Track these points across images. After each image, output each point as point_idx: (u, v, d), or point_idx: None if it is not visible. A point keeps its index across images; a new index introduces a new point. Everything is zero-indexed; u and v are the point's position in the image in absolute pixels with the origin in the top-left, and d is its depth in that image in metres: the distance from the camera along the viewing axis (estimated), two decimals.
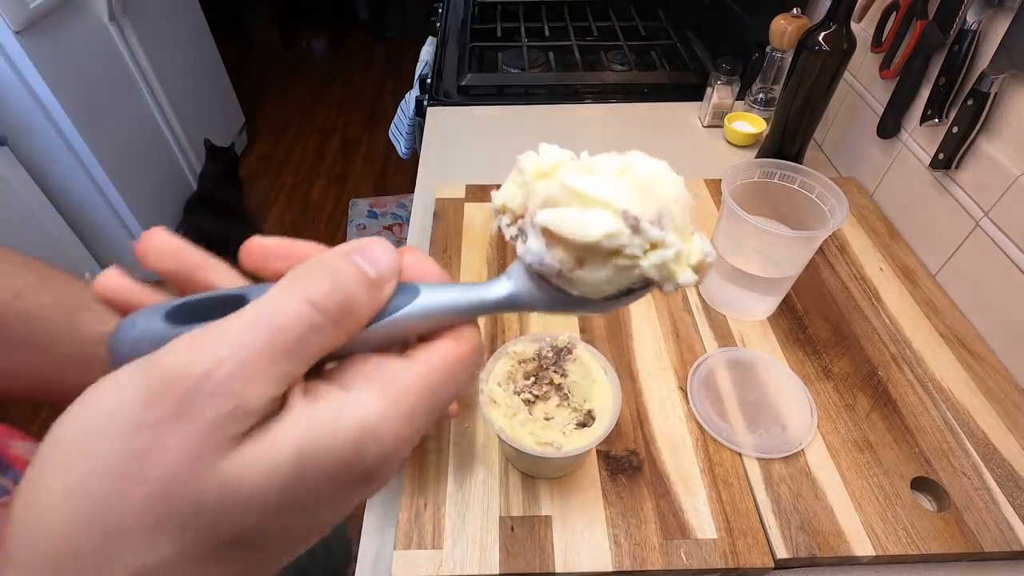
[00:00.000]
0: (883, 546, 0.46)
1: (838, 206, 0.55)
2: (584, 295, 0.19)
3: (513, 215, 0.20)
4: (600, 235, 0.17)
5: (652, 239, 0.17)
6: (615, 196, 0.17)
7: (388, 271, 0.18)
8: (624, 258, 0.17)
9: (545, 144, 0.20)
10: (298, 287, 0.16)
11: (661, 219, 0.17)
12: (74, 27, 1.49)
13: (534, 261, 0.18)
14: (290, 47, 3.32)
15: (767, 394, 0.57)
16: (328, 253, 0.17)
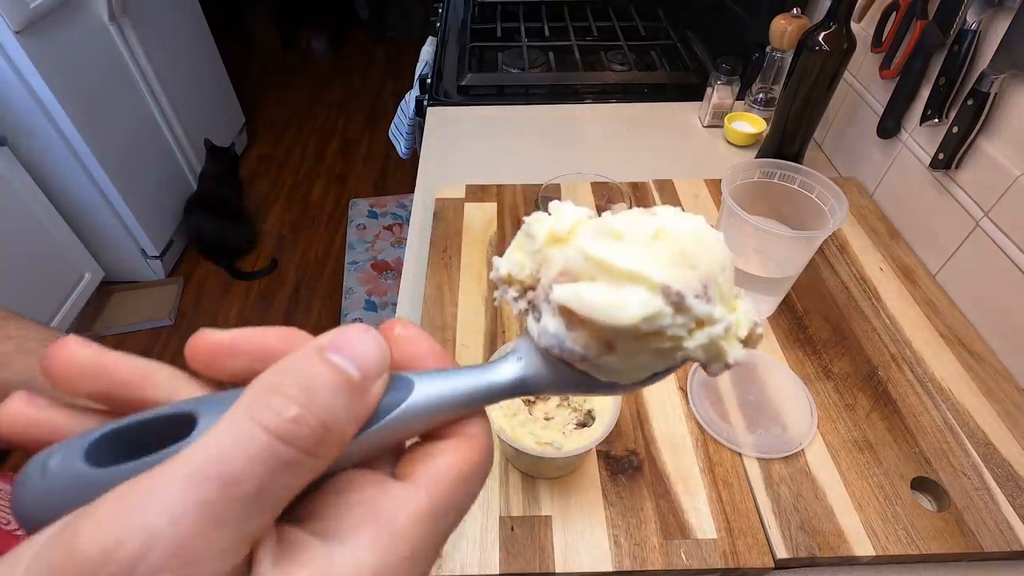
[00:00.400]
0: (883, 546, 0.46)
1: (838, 206, 0.55)
2: (611, 379, 0.16)
3: (522, 286, 0.17)
4: (638, 318, 0.14)
5: (698, 316, 0.14)
6: (651, 268, 0.14)
7: (375, 367, 0.14)
8: (666, 340, 0.14)
9: (557, 202, 0.16)
10: (257, 412, 0.12)
11: (707, 290, 0.14)
12: (74, 27, 1.49)
13: (552, 345, 0.15)
14: (290, 47, 3.32)
15: (767, 394, 0.57)
16: (296, 355, 0.13)
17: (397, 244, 2.07)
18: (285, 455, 0.12)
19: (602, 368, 0.15)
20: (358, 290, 1.92)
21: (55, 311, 1.56)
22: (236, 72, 2.42)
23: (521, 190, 0.80)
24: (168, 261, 1.93)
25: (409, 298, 0.68)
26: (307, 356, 0.13)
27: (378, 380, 0.14)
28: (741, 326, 0.15)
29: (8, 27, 1.27)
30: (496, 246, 0.72)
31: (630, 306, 0.14)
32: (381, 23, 3.42)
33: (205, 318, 1.85)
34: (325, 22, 3.36)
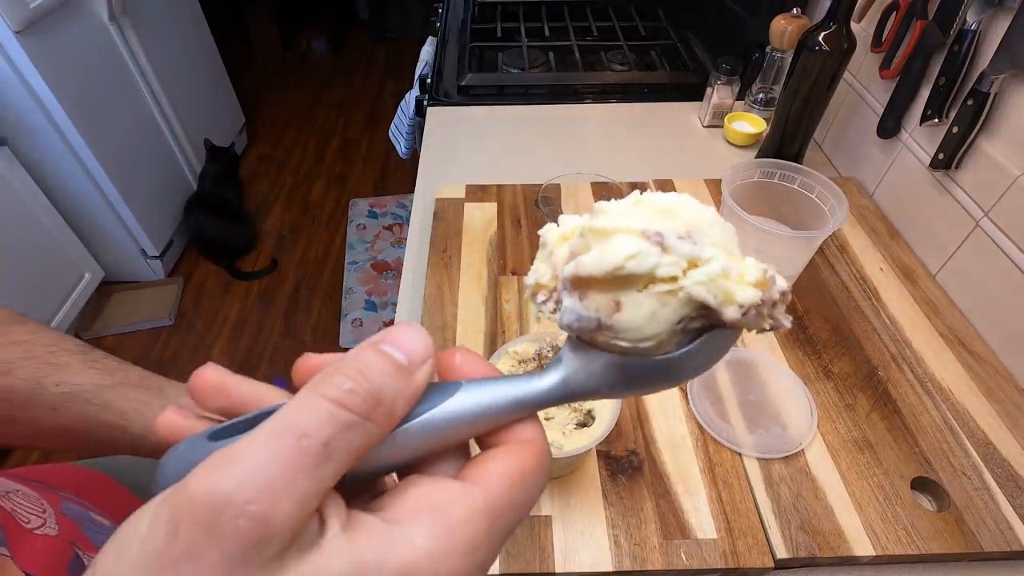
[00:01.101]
0: (883, 546, 0.46)
1: (838, 206, 0.55)
2: (637, 346, 0.16)
3: (547, 289, 0.18)
4: (623, 257, 0.15)
5: (685, 254, 0.15)
6: (632, 221, 0.16)
7: (419, 354, 0.16)
8: (661, 283, 0.15)
9: (564, 215, 0.19)
10: (320, 387, 0.15)
11: (691, 234, 0.15)
12: (74, 27, 1.49)
13: (572, 319, 0.16)
14: (290, 47, 3.33)
15: (767, 394, 0.57)
16: (355, 349, 0.16)
17: (397, 244, 2.07)
18: (343, 417, 0.14)
19: (619, 330, 0.16)
20: (358, 290, 1.92)
21: (55, 311, 1.56)
22: (236, 72, 2.42)
23: (521, 190, 0.80)
24: (168, 261, 1.93)
25: (409, 298, 0.68)
26: (361, 348, 0.16)
27: (423, 365, 0.16)
28: (748, 272, 0.15)
29: (8, 27, 1.27)
30: (496, 246, 0.72)
31: (615, 250, 0.15)
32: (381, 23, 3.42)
33: (205, 318, 1.85)
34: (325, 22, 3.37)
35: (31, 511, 0.35)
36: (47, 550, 0.33)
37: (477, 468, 0.16)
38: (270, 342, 1.77)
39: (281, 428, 0.14)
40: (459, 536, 0.15)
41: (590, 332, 0.16)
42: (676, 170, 0.85)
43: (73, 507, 0.40)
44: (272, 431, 0.14)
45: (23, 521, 0.34)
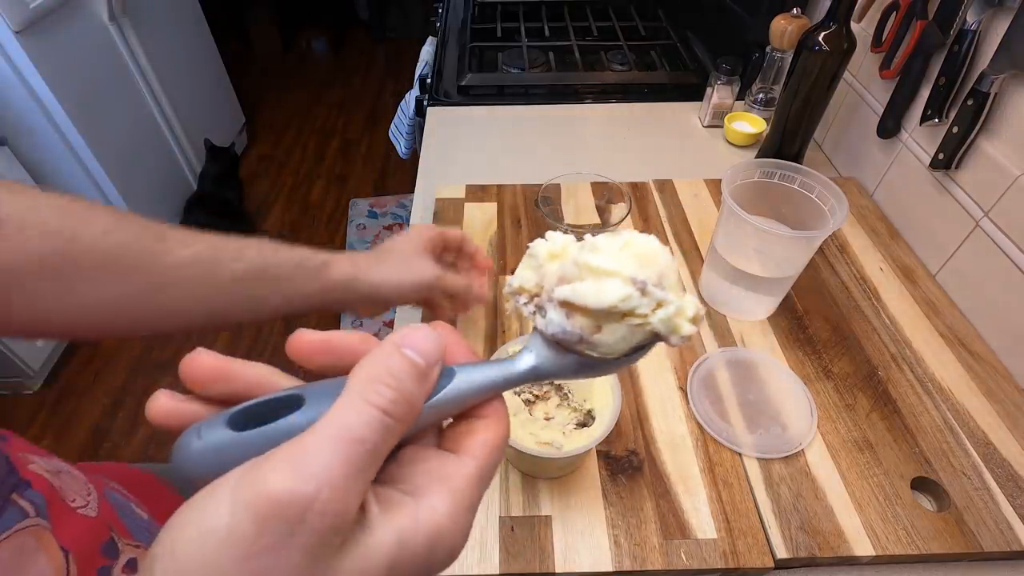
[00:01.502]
0: (883, 546, 0.46)
1: (838, 206, 0.55)
2: (602, 355, 0.21)
3: (529, 294, 0.22)
4: (616, 299, 0.19)
5: (657, 299, 0.20)
6: (623, 266, 0.20)
7: (434, 358, 0.19)
8: (636, 317, 0.20)
9: (551, 232, 0.22)
10: (367, 394, 0.17)
11: (662, 281, 0.20)
12: (74, 27, 1.49)
13: (557, 331, 0.20)
14: (290, 48, 3.33)
15: (767, 394, 0.56)
16: (381, 350, 0.18)
17: None
18: (387, 423, 0.17)
19: (596, 344, 0.20)
20: None
21: None
22: (236, 72, 2.41)
23: (521, 190, 0.80)
24: None
25: None
26: (388, 351, 0.18)
27: (436, 367, 0.19)
28: (688, 309, 0.20)
29: (8, 27, 1.27)
30: (496, 246, 0.72)
31: (610, 291, 0.19)
32: (381, 23, 3.42)
33: None
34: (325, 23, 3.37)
35: (76, 491, 0.36)
36: (84, 529, 0.34)
37: (467, 440, 0.20)
38: (270, 342, 1.77)
39: (339, 432, 0.16)
40: (465, 499, 0.18)
41: (570, 343, 0.21)
42: (676, 170, 0.85)
43: (116, 496, 0.41)
44: (332, 435, 0.16)
45: (67, 499, 0.35)
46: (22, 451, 0.35)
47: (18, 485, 0.32)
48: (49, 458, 0.37)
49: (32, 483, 0.33)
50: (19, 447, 0.35)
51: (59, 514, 0.33)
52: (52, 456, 0.38)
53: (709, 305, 0.66)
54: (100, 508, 0.37)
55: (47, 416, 1.55)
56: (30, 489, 0.32)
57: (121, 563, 0.35)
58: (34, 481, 0.33)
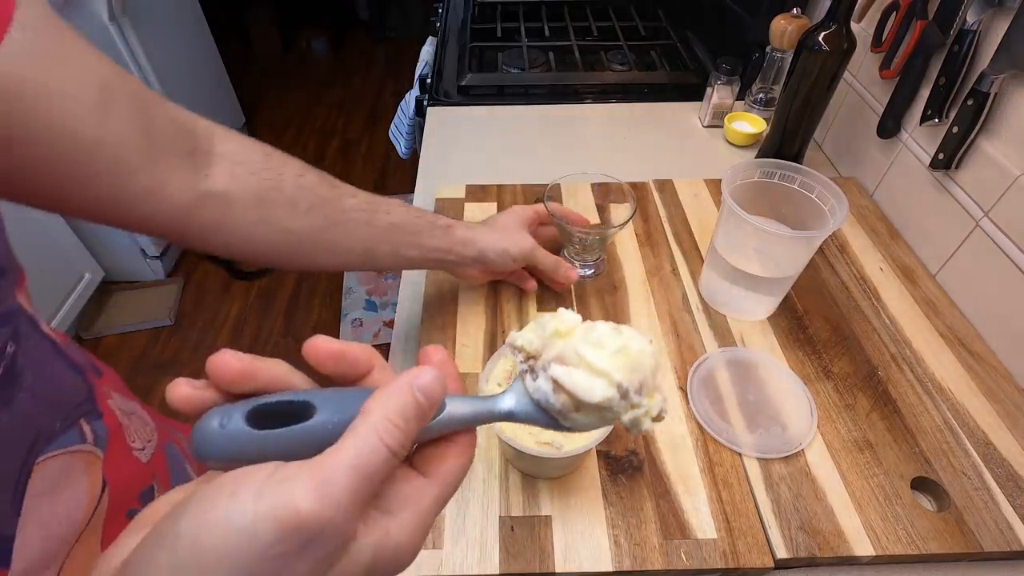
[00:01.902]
0: (883, 546, 0.46)
1: (838, 206, 0.55)
2: (570, 427, 0.25)
3: (527, 355, 0.25)
4: (600, 399, 0.23)
5: (633, 403, 0.23)
6: (613, 370, 0.23)
7: (437, 400, 0.21)
8: (611, 412, 0.24)
9: (563, 309, 0.26)
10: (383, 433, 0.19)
11: (641, 388, 0.23)
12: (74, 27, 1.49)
13: (541, 398, 0.24)
14: (290, 48, 3.32)
15: (767, 394, 0.57)
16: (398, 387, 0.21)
17: None
18: (392, 460, 0.20)
19: (568, 419, 0.24)
20: (358, 290, 1.92)
21: (55, 311, 1.56)
22: (236, 72, 2.41)
23: (521, 190, 0.80)
24: (168, 261, 1.93)
25: (409, 298, 0.68)
26: (404, 390, 0.21)
27: (436, 407, 0.22)
28: (654, 410, 0.24)
29: None
30: None
31: (597, 391, 0.23)
32: (381, 23, 3.42)
33: (205, 318, 1.85)
34: (325, 23, 3.37)
35: (139, 435, 0.39)
36: (132, 470, 0.37)
37: (438, 465, 0.23)
38: (270, 342, 1.77)
39: (356, 463, 0.19)
40: (427, 518, 0.22)
41: (549, 410, 0.24)
42: (676, 170, 0.85)
43: (175, 451, 0.43)
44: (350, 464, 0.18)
45: (131, 438, 0.37)
46: (111, 387, 0.38)
47: (90, 413, 0.34)
48: (129, 399, 0.41)
49: (104, 415, 0.36)
50: (109, 382, 0.38)
51: (116, 449, 0.35)
52: (135, 399, 0.42)
53: (709, 305, 0.66)
54: (154, 456, 0.39)
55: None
56: (99, 420, 0.35)
57: None
58: (106, 414, 0.36)
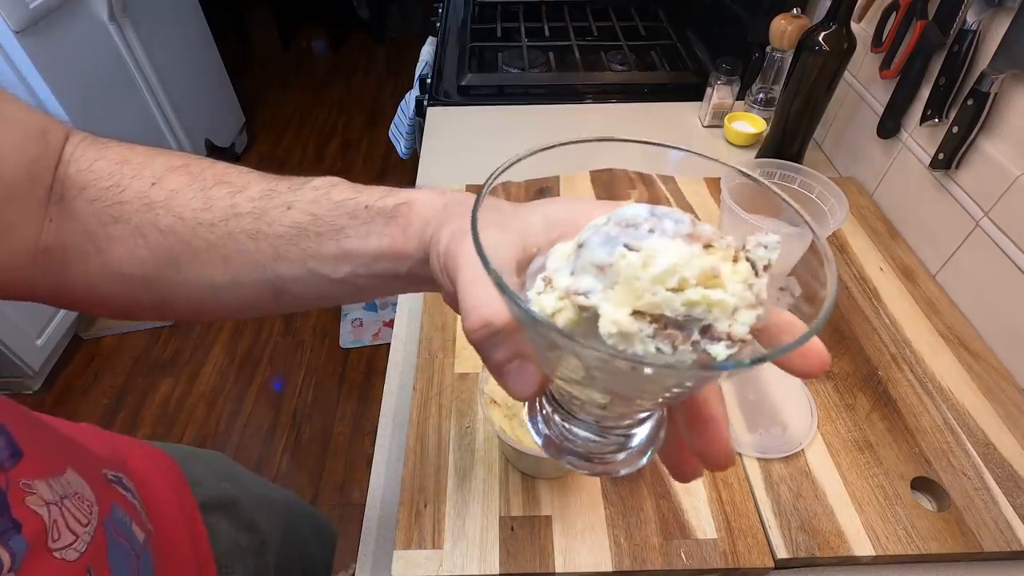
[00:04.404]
0: (883, 546, 0.46)
1: (838, 206, 0.55)
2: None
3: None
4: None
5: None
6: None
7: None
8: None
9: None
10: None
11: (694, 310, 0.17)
12: (74, 27, 1.49)
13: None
14: (290, 47, 3.32)
15: (767, 394, 0.57)
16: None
17: None
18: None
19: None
20: None
21: (55, 312, 1.56)
22: (236, 72, 2.41)
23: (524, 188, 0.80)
24: None
25: (409, 298, 0.68)
26: None
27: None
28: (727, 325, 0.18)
29: (8, 27, 1.27)
30: None
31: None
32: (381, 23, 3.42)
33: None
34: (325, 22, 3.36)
35: (71, 524, 0.32)
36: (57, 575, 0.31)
37: None
38: (270, 342, 1.77)
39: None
40: None
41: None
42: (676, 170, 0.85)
43: (120, 514, 0.37)
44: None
45: (53, 538, 0.31)
46: (26, 477, 0.30)
47: (7, 530, 0.28)
48: (61, 474, 0.33)
49: (23, 525, 0.29)
50: (22, 472, 0.30)
51: (34, 560, 0.30)
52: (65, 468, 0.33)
53: None
54: (90, 544, 0.33)
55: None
56: (18, 534, 0.29)
57: None
58: (26, 523, 0.30)
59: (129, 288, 0.31)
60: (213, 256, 0.30)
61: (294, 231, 0.30)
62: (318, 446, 1.51)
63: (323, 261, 0.30)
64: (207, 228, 0.30)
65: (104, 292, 0.31)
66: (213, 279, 0.31)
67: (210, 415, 1.57)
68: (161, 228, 0.30)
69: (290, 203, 0.31)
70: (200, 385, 1.64)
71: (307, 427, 1.55)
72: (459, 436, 0.53)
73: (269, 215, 0.31)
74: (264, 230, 0.31)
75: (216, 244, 0.30)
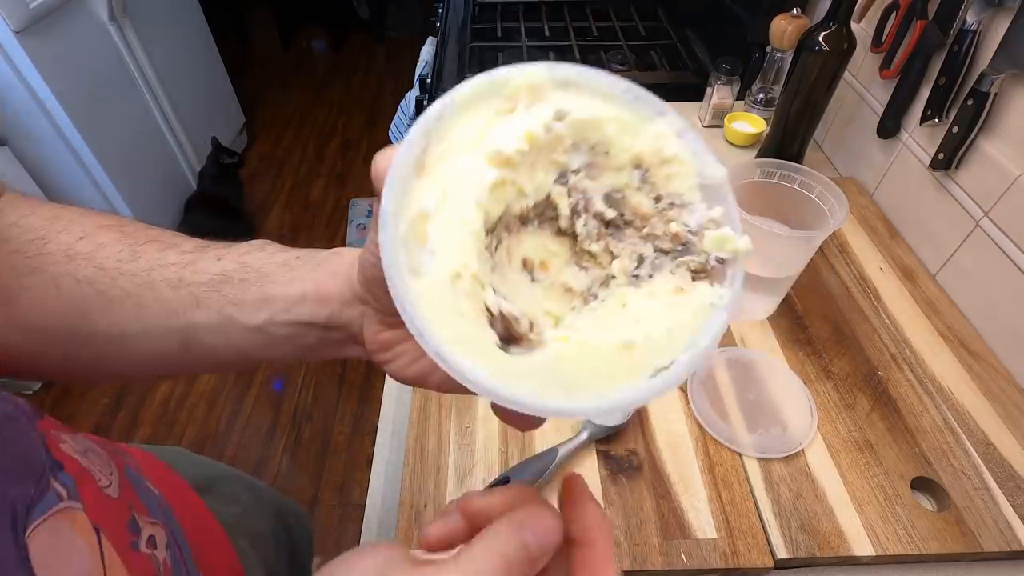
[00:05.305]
0: (883, 546, 0.46)
1: (838, 206, 0.55)
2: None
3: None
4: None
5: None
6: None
7: (551, 547, 0.20)
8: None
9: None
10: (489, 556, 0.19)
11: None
12: (74, 27, 1.49)
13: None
14: (290, 47, 3.32)
15: (767, 394, 0.57)
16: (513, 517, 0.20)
17: None
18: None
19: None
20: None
21: None
22: (236, 72, 2.42)
23: None
24: None
25: None
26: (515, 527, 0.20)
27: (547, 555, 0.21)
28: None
29: (8, 27, 1.27)
30: None
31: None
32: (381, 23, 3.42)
33: None
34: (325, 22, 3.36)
35: (101, 471, 0.35)
36: (111, 509, 0.34)
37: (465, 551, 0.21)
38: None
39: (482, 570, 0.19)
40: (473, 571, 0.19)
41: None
42: None
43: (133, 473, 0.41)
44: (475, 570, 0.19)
45: (96, 480, 0.34)
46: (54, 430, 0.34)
47: (53, 468, 0.31)
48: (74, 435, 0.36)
49: (64, 465, 0.32)
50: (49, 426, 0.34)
51: (89, 495, 0.33)
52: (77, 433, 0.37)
53: None
54: (121, 487, 0.37)
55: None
56: (63, 471, 0.32)
57: (144, 539, 0.36)
58: (66, 463, 0.32)
59: (34, 342, 0.31)
60: (127, 305, 0.30)
61: (219, 278, 0.30)
62: (318, 446, 1.51)
63: (242, 307, 0.30)
64: (128, 277, 0.30)
65: (6, 345, 0.31)
66: (123, 329, 0.31)
67: (210, 415, 1.57)
68: (79, 278, 0.30)
69: (221, 255, 0.31)
70: (200, 385, 1.64)
71: (307, 427, 1.55)
72: (459, 436, 0.53)
73: (197, 264, 0.31)
74: (187, 278, 0.30)
75: (133, 293, 0.30)
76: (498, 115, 0.21)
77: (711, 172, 0.20)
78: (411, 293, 0.18)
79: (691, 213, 0.20)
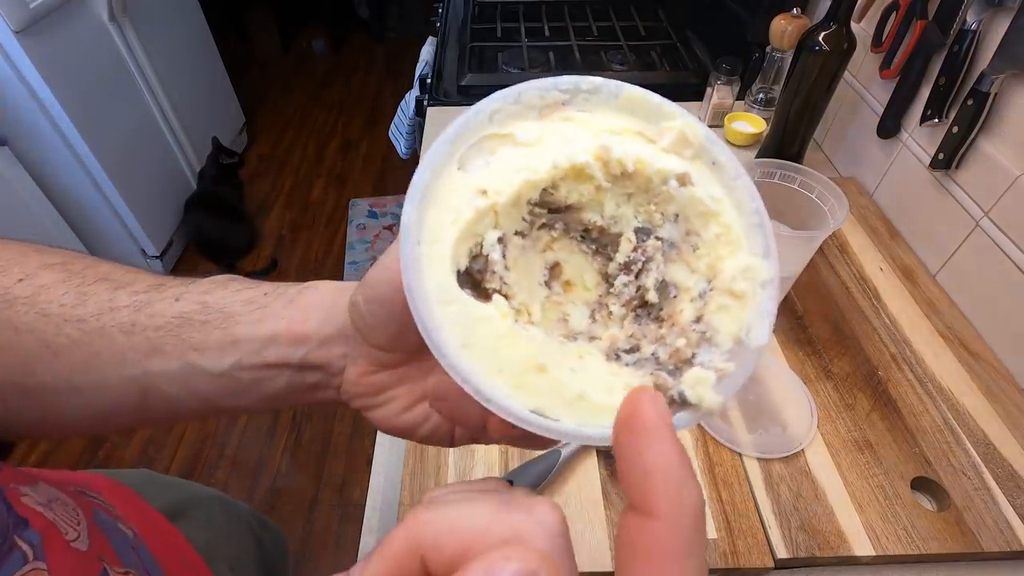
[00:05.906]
0: (883, 546, 0.46)
1: (838, 206, 0.55)
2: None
3: None
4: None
5: None
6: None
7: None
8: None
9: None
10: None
11: None
12: (74, 27, 1.49)
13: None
14: (290, 48, 3.32)
15: (767, 394, 0.57)
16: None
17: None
18: None
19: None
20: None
21: None
22: (236, 72, 2.42)
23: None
24: (168, 261, 1.93)
25: None
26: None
27: None
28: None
29: (8, 27, 1.27)
30: None
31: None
32: (381, 23, 3.42)
33: None
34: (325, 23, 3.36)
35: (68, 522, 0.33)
36: (78, 565, 0.31)
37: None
38: None
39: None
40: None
41: None
42: None
43: (103, 516, 0.38)
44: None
45: (63, 533, 0.31)
46: (12, 482, 0.31)
47: (17, 525, 0.28)
48: (35, 484, 0.33)
49: (29, 521, 0.29)
50: (7, 478, 0.31)
51: (55, 552, 0.30)
52: (38, 480, 0.34)
53: None
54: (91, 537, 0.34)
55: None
56: (28, 528, 0.29)
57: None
58: (31, 519, 0.30)
59: None
60: (76, 355, 0.27)
61: (177, 321, 0.27)
62: (318, 446, 1.51)
63: (205, 353, 0.27)
64: (75, 324, 0.27)
65: None
66: (72, 381, 0.27)
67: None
68: (17, 326, 0.27)
69: (179, 295, 0.28)
70: None
71: (307, 427, 1.55)
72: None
73: (152, 307, 0.27)
74: (142, 322, 0.27)
75: (82, 342, 0.27)
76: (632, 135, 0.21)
77: (755, 336, 0.19)
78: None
79: (708, 352, 0.20)
